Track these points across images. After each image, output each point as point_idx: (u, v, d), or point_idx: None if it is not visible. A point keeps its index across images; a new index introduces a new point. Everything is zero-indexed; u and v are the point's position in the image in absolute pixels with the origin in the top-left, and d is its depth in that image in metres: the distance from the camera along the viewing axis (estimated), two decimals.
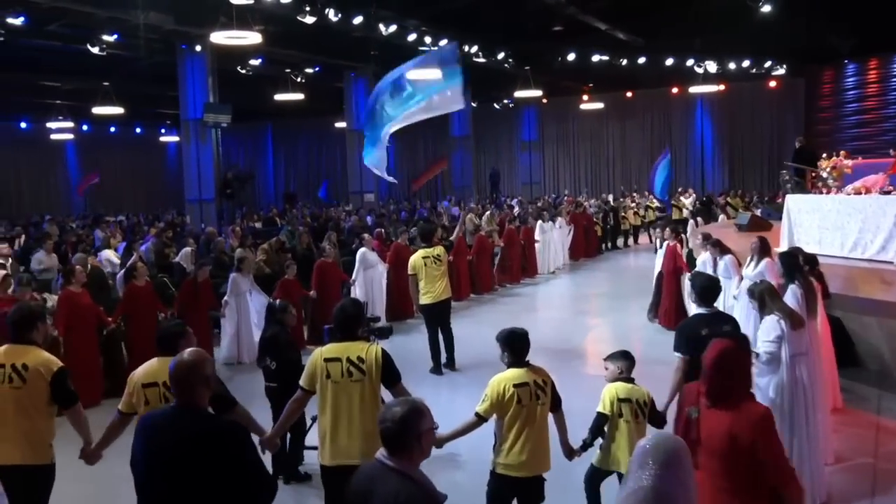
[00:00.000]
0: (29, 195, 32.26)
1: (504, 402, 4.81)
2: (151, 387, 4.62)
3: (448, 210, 24.74)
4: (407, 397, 3.01)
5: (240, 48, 18.68)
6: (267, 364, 6.46)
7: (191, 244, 13.27)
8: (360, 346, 4.78)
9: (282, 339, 6.57)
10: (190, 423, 3.43)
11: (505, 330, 5.06)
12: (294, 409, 4.94)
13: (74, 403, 4.76)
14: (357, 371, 4.69)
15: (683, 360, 5.42)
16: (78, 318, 8.77)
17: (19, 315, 4.82)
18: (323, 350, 4.82)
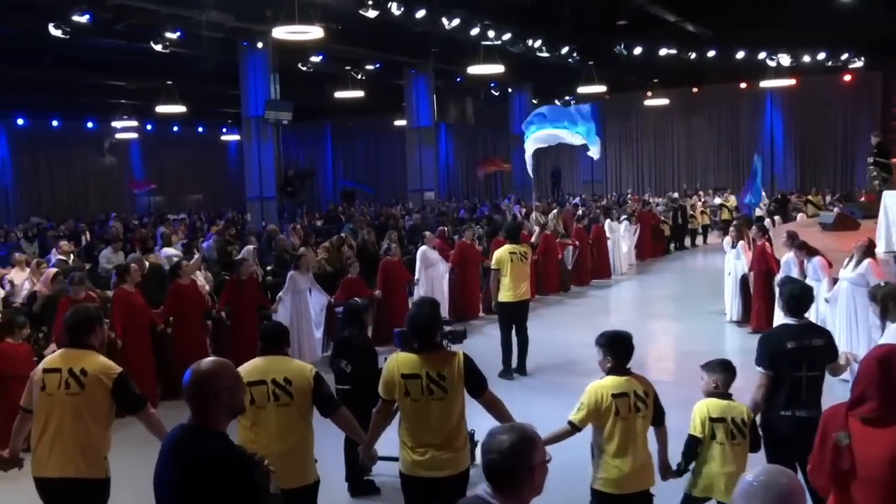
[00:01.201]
0: (95, 194, 32.77)
1: (601, 413, 4.39)
2: (258, 385, 4.37)
3: (510, 207, 24.27)
4: (514, 423, 2.55)
5: (301, 44, 18.54)
6: (341, 366, 6.06)
7: (252, 242, 13.06)
8: (441, 359, 4.39)
9: (359, 340, 6.17)
10: (192, 444, 3.02)
11: (607, 332, 4.60)
12: (380, 419, 4.61)
13: (143, 406, 4.44)
14: (438, 388, 4.33)
15: (766, 375, 4.84)
16: (131, 319, 8.53)
17: (76, 318, 4.52)
18: (399, 361, 4.42)
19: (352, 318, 6.25)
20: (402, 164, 35.76)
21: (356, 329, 6.19)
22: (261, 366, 4.49)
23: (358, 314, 6.25)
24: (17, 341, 7.11)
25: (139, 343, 8.51)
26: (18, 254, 11.32)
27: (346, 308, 6.42)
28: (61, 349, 4.52)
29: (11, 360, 6.95)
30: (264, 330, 4.76)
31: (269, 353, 4.54)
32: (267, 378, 4.41)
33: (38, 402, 4.38)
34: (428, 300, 4.93)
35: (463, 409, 4.47)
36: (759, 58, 24.34)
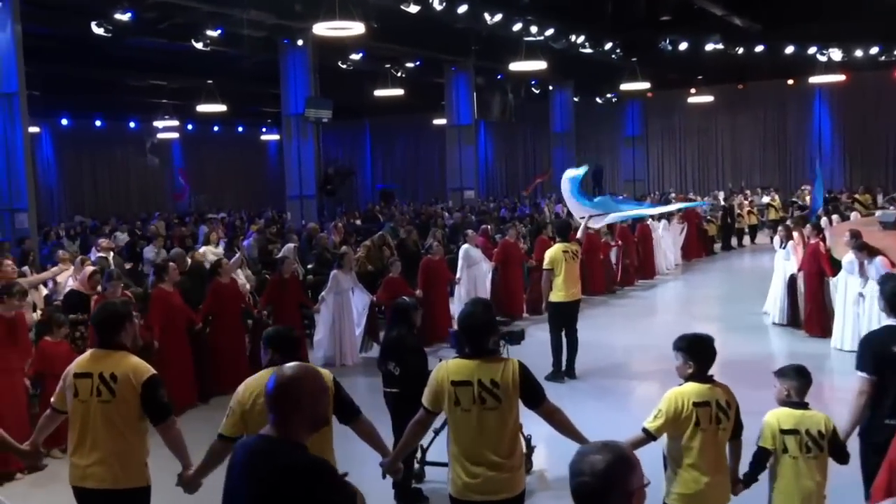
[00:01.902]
0: (137, 193, 33.05)
1: (680, 422, 4.06)
2: None
3: (551, 206, 23.92)
4: (608, 442, 2.27)
5: (341, 42, 18.41)
6: (389, 368, 5.80)
7: (293, 240, 12.91)
8: (495, 366, 4.04)
9: (409, 341, 5.88)
10: (271, 456, 2.76)
11: (687, 335, 4.26)
12: (417, 430, 4.30)
13: (167, 418, 4.11)
14: (491, 398, 3.98)
15: (868, 381, 4.50)
16: (169, 319, 8.36)
17: (104, 315, 4.24)
18: (450, 368, 4.09)
19: (400, 318, 5.97)
20: (441, 163, 35.60)
21: (405, 329, 5.91)
22: None
23: (407, 313, 5.97)
24: (57, 339, 7.00)
25: (177, 343, 8.36)
26: (62, 252, 11.26)
27: (394, 307, 6.14)
28: (91, 350, 4.28)
29: (50, 359, 6.84)
30: (273, 335, 4.42)
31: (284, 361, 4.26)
32: None
33: (71, 408, 4.15)
34: (481, 300, 4.60)
35: (518, 422, 4.15)
36: (808, 53, 23.64)
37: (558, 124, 30.10)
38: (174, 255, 9.99)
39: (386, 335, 6.18)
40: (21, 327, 6.92)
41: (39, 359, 6.90)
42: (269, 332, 4.52)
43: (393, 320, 6.10)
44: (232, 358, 8.97)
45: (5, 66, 13.77)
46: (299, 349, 4.44)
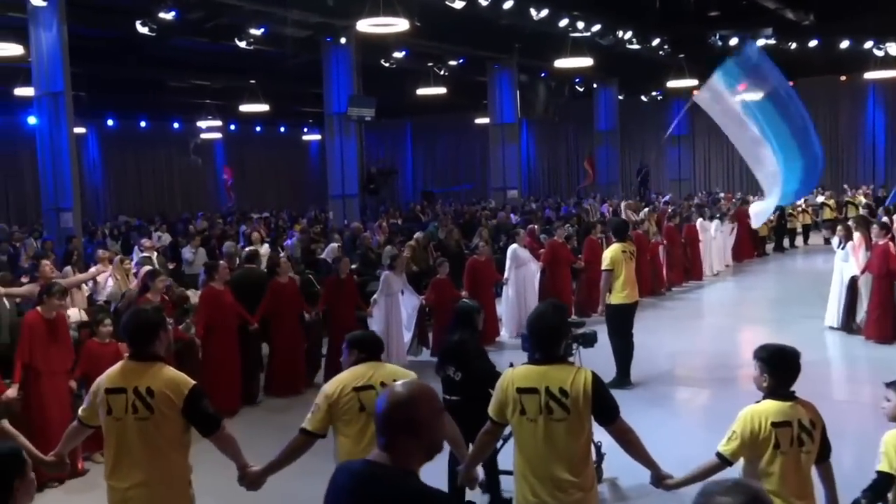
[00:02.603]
0: (181, 194, 33.28)
1: (758, 444, 3.68)
2: (366, 390, 3.97)
3: (596, 206, 23.49)
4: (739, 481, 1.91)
5: (384, 39, 18.24)
6: (449, 374, 5.49)
7: (336, 240, 12.71)
8: (564, 373, 3.74)
9: (471, 345, 5.57)
10: (380, 484, 2.46)
11: (769, 346, 3.87)
12: (487, 441, 4.03)
13: (217, 427, 3.87)
14: (559, 408, 3.67)
15: None
16: (219, 319, 8.19)
17: (136, 323, 3.92)
18: (516, 374, 3.81)
19: (464, 321, 5.65)
20: (483, 163, 35.31)
21: (468, 333, 5.59)
22: (364, 372, 4.10)
23: (470, 316, 5.66)
24: (104, 340, 6.85)
25: (225, 343, 8.18)
26: (101, 251, 11.21)
27: (457, 310, 5.84)
28: (123, 362, 3.95)
29: (97, 360, 6.68)
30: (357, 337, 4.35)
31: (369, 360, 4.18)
32: (375, 383, 4.01)
33: (105, 427, 3.86)
34: (553, 302, 4.27)
35: (590, 440, 3.84)
36: (864, 47, 22.87)
37: (602, 122, 29.61)
38: (228, 248, 9.84)
39: (448, 339, 5.83)
40: (63, 328, 6.78)
41: (86, 360, 6.75)
42: (354, 334, 4.42)
43: (455, 323, 5.77)
44: (290, 359, 8.83)
45: (52, 66, 13.80)
46: (382, 352, 4.29)
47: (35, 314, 6.58)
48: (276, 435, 7.94)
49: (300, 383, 9.03)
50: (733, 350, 10.63)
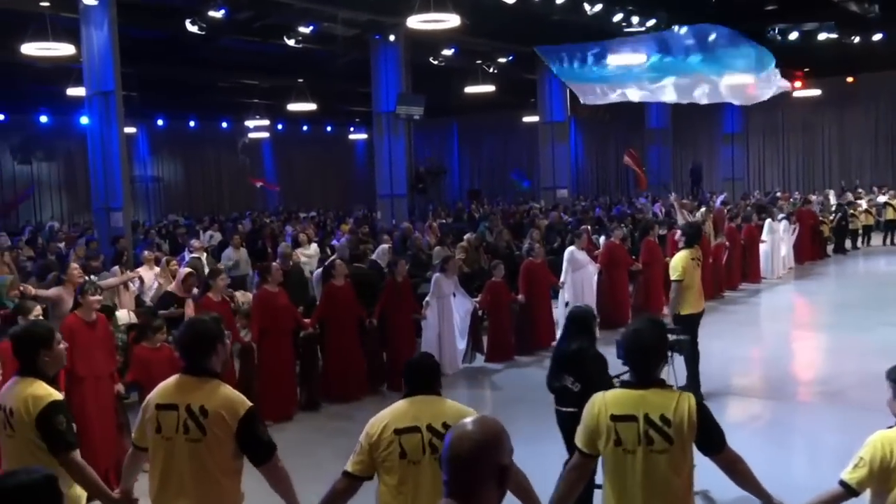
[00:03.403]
0: (229, 193, 33.44)
1: (888, 474, 3.29)
2: (410, 432, 3.46)
3: (648, 205, 22.90)
4: None
5: (433, 37, 17.98)
6: (566, 384, 5.13)
7: (386, 241, 12.42)
8: (665, 398, 3.32)
9: (591, 353, 5.16)
10: None
11: None
12: (573, 479, 3.52)
13: (270, 456, 3.48)
14: (661, 438, 3.26)
15: None
16: (273, 321, 7.92)
17: (192, 335, 3.59)
18: (608, 399, 3.38)
19: (579, 328, 5.27)
20: (531, 162, 34.87)
21: (586, 341, 5.22)
22: (413, 410, 3.56)
23: (587, 323, 5.29)
24: (154, 345, 6.62)
25: (280, 347, 7.93)
26: (147, 252, 11.09)
27: (572, 317, 5.44)
28: (177, 376, 3.61)
29: (148, 366, 6.47)
30: (413, 363, 3.79)
31: (420, 393, 3.62)
32: (421, 425, 3.48)
33: (153, 445, 3.53)
34: (650, 318, 3.85)
35: (692, 473, 3.41)
36: None
37: (654, 120, 28.97)
38: (283, 249, 9.63)
39: (561, 346, 5.41)
40: (104, 330, 6.54)
41: (136, 366, 6.53)
42: (409, 362, 3.87)
43: (569, 330, 5.36)
44: (345, 365, 8.57)
45: (103, 66, 13.79)
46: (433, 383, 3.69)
47: (74, 318, 6.31)
48: (332, 442, 7.71)
49: (359, 389, 8.74)
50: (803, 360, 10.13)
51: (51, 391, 3.75)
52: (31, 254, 15.32)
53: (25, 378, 3.78)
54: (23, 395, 3.70)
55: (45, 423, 3.63)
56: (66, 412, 3.72)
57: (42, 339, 3.84)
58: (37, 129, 27.06)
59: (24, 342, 3.85)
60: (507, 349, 10.17)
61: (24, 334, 3.90)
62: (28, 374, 3.79)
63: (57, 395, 3.75)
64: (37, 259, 13.57)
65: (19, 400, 3.70)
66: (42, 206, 27.83)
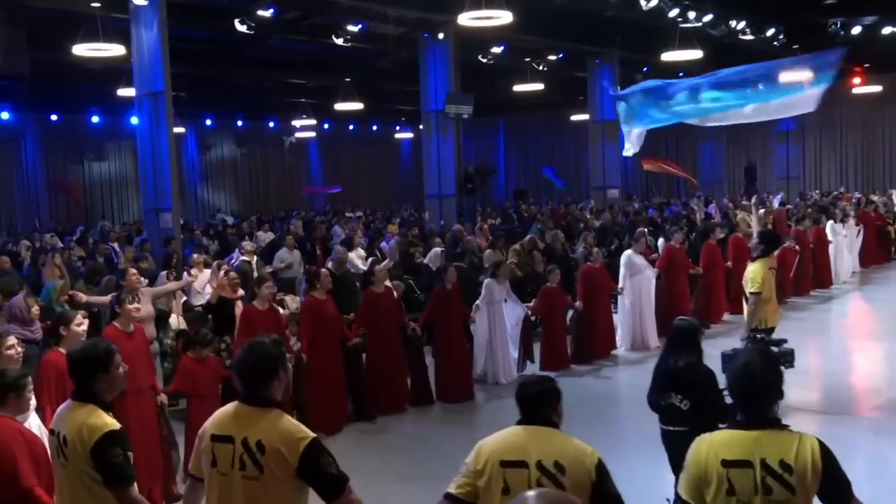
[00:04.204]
0: (276, 193, 33.50)
1: None
2: (515, 467, 3.14)
3: (701, 206, 22.26)
4: None
5: (483, 35, 17.65)
6: (674, 402, 4.83)
7: (438, 244, 12.09)
8: (784, 441, 2.94)
9: (701, 370, 4.84)
10: None
11: None
12: None
13: (342, 491, 3.13)
14: (781, 487, 2.88)
15: None
16: (322, 330, 7.60)
17: (253, 361, 3.23)
18: (716, 443, 3.01)
19: (686, 342, 4.95)
20: (578, 161, 34.33)
21: (694, 356, 4.90)
22: (519, 441, 3.23)
23: (694, 336, 4.97)
24: (200, 356, 6.39)
25: (330, 357, 7.61)
26: (196, 255, 10.93)
27: (677, 330, 5.09)
28: (234, 404, 3.29)
29: (194, 377, 6.25)
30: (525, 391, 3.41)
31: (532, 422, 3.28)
32: (530, 460, 3.14)
33: (208, 479, 3.26)
34: (760, 350, 3.46)
35: None
36: None
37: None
38: (337, 253, 9.33)
39: (667, 362, 5.05)
40: (143, 341, 6.28)
41: (182, 376, 6.32)
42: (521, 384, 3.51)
43: (675, 344, 5.03)
44: (387, 375, 8.27)
45: (152, 66, 13.76)
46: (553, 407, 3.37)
47: (113, 330, 6.00)
48: (379, 454, 7.45)
49: (402, 399, 8.45)
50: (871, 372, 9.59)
51: (107, 420, 3.49)
52: (82, 254, 15.35)
53: (80, 403, 3.54)
54: (77, 422, 3.46)
55: (101, 455, 3.39)
56: (123, 443, 3.46)
57: (100, 362, 3.57)
58: (88, 129, 27.35)
59: (79, 364, 3.59)
60: (563, 357, 9.80)
61: (80, 355, 3.62)
62: (83, 398, 3.55)
63: (114, 425, 3.49)
64: (87, 260, 13.55)
65: (73, 428, 3.46)
66: (93, 207, 28.10)
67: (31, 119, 25.86)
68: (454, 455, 7.17)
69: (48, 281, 10.26)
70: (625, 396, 9.24)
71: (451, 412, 8.53)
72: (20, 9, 13.68)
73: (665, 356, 5.08)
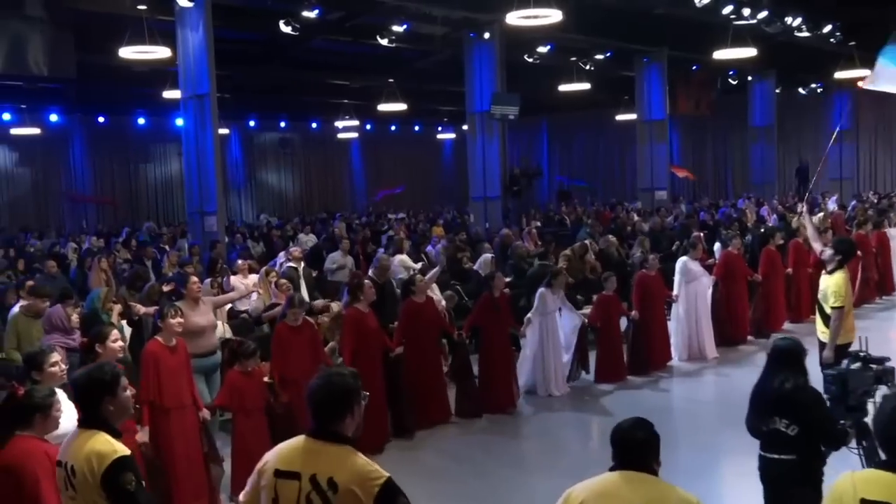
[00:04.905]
0: (318, 194, 33.48)
1: None
2: None
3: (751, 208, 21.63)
4: None
5: (530, 34, 17.32)
6: (779, 428, 4.48)
7: (487, 249, 11.77)
8: None
9: (810, 393, 4.48)
10: None
11: None
12: None
13: None
14: None
15: None
16: (364, 345, 7.29)
17: (328, 393, 2.99)
18: (858, 482, 2.77)
19: (789, 363, 4.60)
20: (622, 162, 33.76)
21: (801, 377, 4.56)
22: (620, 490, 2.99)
23: (798, 357, 4.62)
24: (246, 370, 6.16)
25: (371, 372, 7.20)
26: (241, 261, 10.75)
27: (779, 350, 4.70)
28: (301, 437, 3.05)
29: (240, 392, 6.03)
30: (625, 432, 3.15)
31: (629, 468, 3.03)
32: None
33: None
34: None
35: None
36: None
37: (758, 118, 27.52)
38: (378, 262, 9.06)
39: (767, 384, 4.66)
40: (185, 356, 6.07)
41: (227, 390, 6.08)
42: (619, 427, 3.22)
43: (779, 365, 4.65)
44: (430, 387, 7.98)
45: (198, 68, 13.71)
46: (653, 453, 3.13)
47: (156, 344, 5.84)
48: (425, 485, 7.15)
49: (444, 413, 8.15)
50: None
51: (116, 446, 3.26)
52: (128, 256, 15.34)
53: (87, 430, 3.31)
54: (84, 450, 3.23)
55: (112, 483, 3.16)
56: (135, 469, 3.25)
57: (107, 386, 3.35)
58: (134, 131, 27.55)
59: (85, 389, 3.36)
60: (619, 369, 9.42)
61: (86, 379, 3.39)
62: (90, 425, 3.32)
63: (123, 451, 3.26)
64: (133, 263, 13.50)
65: (81, 457, 3.22)
66: (138, 209, 28.31)
67: (79, 121, 26.10)
68: (497, 474, 6.93)
69: (94, 286, 10.20)
70: (682, 411, 8.85)
71: (497, 424, 8.20)
72: (67, 12, 13.71)
73: (766, 377, 4.69)
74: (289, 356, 6.76)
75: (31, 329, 7.21)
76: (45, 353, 4.68)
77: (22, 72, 13.97)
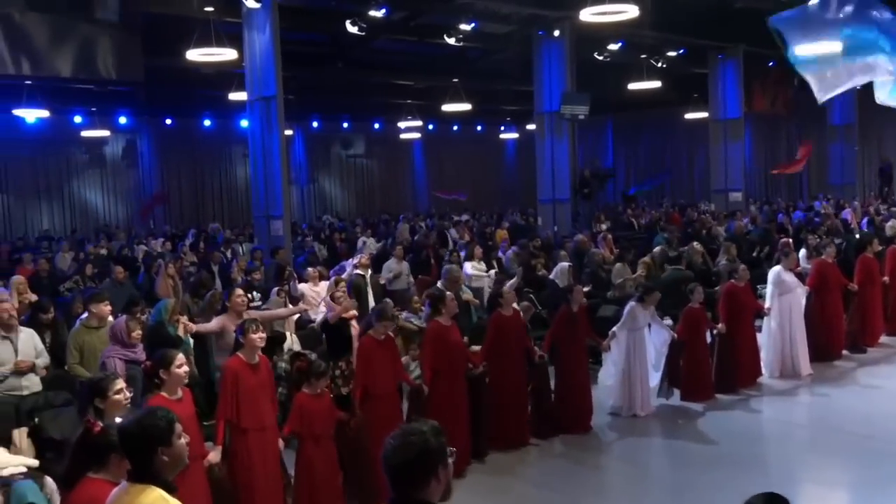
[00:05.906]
0: (380, 195, 33.29)
1: None
2: None
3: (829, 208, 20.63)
4: None
5: (601, 30, 16.72)
6: None
7: (563, 257, 11.24)
8: None
9: None
10: None
11: None
12: None
13: None
14: None
15: None
16: (446, 360, 6.86)
17: (407, 455, 2.56)
18: None
19: None
20: (690, 162, 32.78)
21: None
22: None
23: None
24: (315, 392, 5.79)
25: (453, 390, 6.84)
26: (311, 269, 10.46)
27: None
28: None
29: (309, 416, 5.66)
30: None
31: None
32: None
33: None
34: None
35: None
36: None
37: (837, 116, 26.32)
38: (447, 273, 8.64)
39: None
40: (268, 374, 5.76)
41: (297, 417, 5.66)
42: None
43: None
44: (511, 407, 7.53)
45: (265, 70, 13.55)
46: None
47: (238, 361, 5.53)
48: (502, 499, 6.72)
49: (525, 434, 7.70)
50: None
51: (171, 502, 2.93)
52: (195, 259, 15.26)
53: (138, 485, 2.97)
54: None
55: None
56: None
57: (160, 435, 3.01)
58: (201, 133, 27.72)
59: (136, 439, 3.01)
60: (707, 387, 8.82)
61: (137, 430, 3.04)
62: (141, 479, 2.98)
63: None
64: (199, 268, 13.36)
65: None
66: (204, 210, 28.49)
67: (147, 123, 26.39)
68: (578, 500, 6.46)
69: (161, 293, 10.04)
70: (773, 434, 8.22)
71: (575, 449, 7.70)
72: (135, 16, 13.69)
73: None
74: (374, 370, 6.41)
75: (94, 340, 7.01)
76: (110, 379, 4.39)
77: (91, 75, 13.99)
